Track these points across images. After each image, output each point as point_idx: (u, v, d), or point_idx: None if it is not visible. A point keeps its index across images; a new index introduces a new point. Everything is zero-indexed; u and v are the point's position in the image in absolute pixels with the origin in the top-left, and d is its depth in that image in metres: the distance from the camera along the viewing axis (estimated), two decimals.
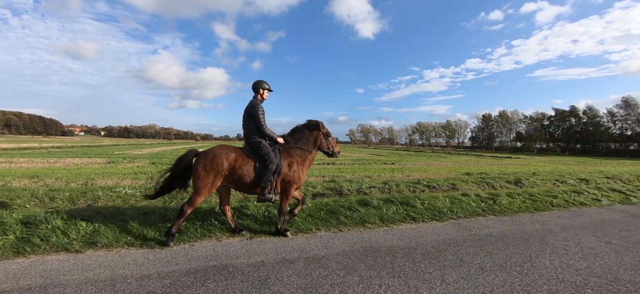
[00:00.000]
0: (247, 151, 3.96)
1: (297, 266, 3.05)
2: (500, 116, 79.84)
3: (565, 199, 6.86)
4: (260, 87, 4.08)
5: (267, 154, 3.79)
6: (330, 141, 4.43)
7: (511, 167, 16.28)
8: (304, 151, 4.21)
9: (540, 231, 4.52)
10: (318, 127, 4.30)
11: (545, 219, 5.28)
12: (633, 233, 4.48)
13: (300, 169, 4.11)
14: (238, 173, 3.75)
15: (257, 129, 3.92)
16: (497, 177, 10.82)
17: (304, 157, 4.20)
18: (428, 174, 12.20)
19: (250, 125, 3.96)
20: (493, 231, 4.46)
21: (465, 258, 3.35)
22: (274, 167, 3.79)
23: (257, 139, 3.88)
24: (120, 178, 8.70)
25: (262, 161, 3.80)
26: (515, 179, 10.25)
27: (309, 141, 4.27)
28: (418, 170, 13.58)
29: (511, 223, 4.93)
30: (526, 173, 12.45)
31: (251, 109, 3.94)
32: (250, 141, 3.93)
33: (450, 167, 15.92)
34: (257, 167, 3.82)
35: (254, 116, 3.89)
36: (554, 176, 11.43)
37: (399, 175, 11.57)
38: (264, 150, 3.81)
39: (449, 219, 5.08)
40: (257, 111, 3.89)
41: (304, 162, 4.18)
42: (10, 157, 16.10)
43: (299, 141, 4.23)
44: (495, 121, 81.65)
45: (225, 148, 3.88)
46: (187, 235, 3.90)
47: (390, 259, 3.32)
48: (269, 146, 3.91)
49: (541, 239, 4.12)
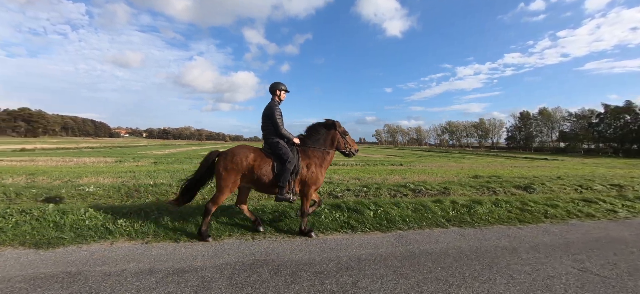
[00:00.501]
0: (265, 151, 3.99)
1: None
2: (540, 113, 72.51)
3: (568, 209, 5.64)
4: (277, 88, 4.09)
5: (285, 153, 3.81)
6: (348, 139, 4.32)
7: (537, 170, 14.42)
8: (321, 151, 4.14)
9: (500, 249, 3.61)
10: (334, 126, 4.21)
11: (522, 233, 4.28)
12: (630, 258, 3.40)
13: (319, 170, 4.06)
14: (257, 173, 3.79)
15: (274, 130, 3.94)
16: (507, 181, 9.54)
17: (322, 158, 4.13)
18: (431, 176, 11.11)
19: (268, 126, 3.99)
20: (437, 247, 3.65)
21: (361, 282, 2.66)
22: (292, 167, 3.79)
23: (275, 140, 3.92)
24: (101, 177, 8.92)
25: (281, 161, 3.82)
26: (528, 183, 8.96)
27: (326, 140, 4.20)
28: (424, 172, 12.47)
29: (471, 238, 4.04)
30: (549, 177, 10.88)
31: (268, 110, 3.99)
32: (268, 141, 3.97)
33: (465, 169, 14.42)
34: (275, 167, 3.84)
35: (272, 117, 3.93)
36: (582, 181, 9.81)
37: (395, 177, 10.67)
38: (282, 150, 3.83)
39: (396, 229, 4.32)
40: (275, 112, 3.93)
41: (322, 163, 4.12)
42: (42, 156, 17.65)
43: (317, 142, 4.17)
44: (535, 120, 74.37)
45: (244, 148, 3.94)
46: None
47: (268, 276, 2.75)
48: (287, 146, 3.92)
49: (491, 260, 3.25)
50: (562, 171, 14.40)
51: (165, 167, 12.25)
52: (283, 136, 3.97)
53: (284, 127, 4.00)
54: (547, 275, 2.92)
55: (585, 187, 8.91)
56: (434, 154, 38.18)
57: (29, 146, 29.37)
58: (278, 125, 3.92)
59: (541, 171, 14.48)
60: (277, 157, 3.87)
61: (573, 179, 10.23)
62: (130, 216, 4.41)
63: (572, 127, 66.21)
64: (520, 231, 4.43)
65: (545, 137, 72.71)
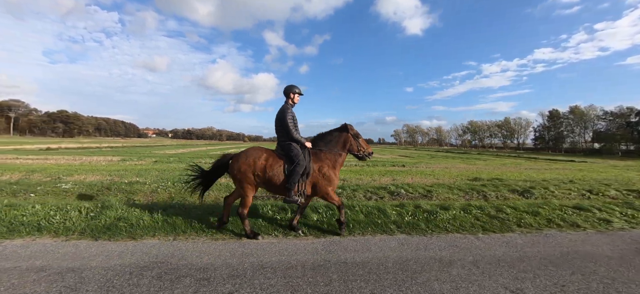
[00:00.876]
0: (278, 152, 4.03)
1: None
2: (571, 112, 67.21)
3: (550, 217, 4.98)
4: (291, 91, 4.10)
5: (296, 155, 3.83)
6: (361, 142, 4.28)
7: (551, 173, 13.21)
8: (333, 153, 4.15)
9: (434, 262, 3.17)
10: (346, 129, 4.23)
11: (476, 244, 3.77)
12: (588, 280, 2.84)
13: (332, 172, 4.04)
14: (269, 174, 3.82)
15: (286, 134, 3.96)
16: (507, 184, 8.78)
17: (334, 160, 4.13)
18: (425, 178, 10.47)
19: (281, 129, 4.03)
20: (363, 256, 3.28)
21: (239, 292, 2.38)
22: (301, 170, 3.80)
23: (288, 142, 3.94)
24: (90, 175, 9.24)
25: (291, 163, 3.84)
26: (528, 187, 8.22)
27: (338, 143, 4.21)
28: (422, 174, 11.78)
29: (411, 247, 3.60)
30: (559, 180, 9.92)
31: (281, 114, 4.00)
32: (281, 143, 4.01)
33: (470, 171, 13.46)
34: (286, 169, 3.86)
35: (283, 121, 3.94)
36: (596, 185, 8.80)
37: (386, 179, 10.16)
38: (294, 152, 3.86)
39: (331, 236, 3.98)
40: (286, 116, 3.94)
41: (334, 165, 4.12)
42: (58, 155, 18.84)
43: (329, 144, 4.19)
44: (566, 119, 69.04)
45: (257, 149, 4.03)
46: None
47: (137, 280, 2.55)
48: (300, 149, 3.94)
49: (412, 275, 2.83)
50: (582, 174, 13.07)
51: (160, 166, 12.54)
52: (295, 140, 3.96)
53: (296, 131, 3.99)
54: None
55: (595, 192, 7.97)
56: (449, 155, 36.48)
57: (54, 145, 31.68)
58: (289, 129, 3.91)
59: (556, 173, 13.26)
60: (289, 159, 3.88)
61: (586, 183, 9.22)
62: (69, 212, 4.43)
63: (607, 126, 60.85)
64: (477, 241, 3.92)
65: (578, 137, 67.32)
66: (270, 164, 3.87)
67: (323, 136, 4.29)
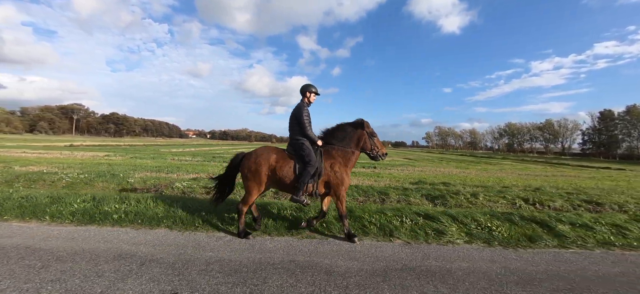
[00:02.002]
0: (288, 152, 4.03)
1: None
2: (628, 113, 58.76)
3: (476, 228, 4.43)
4: (307, 90, 4.09)
5: (307, 155, 3.80)
6: (376, 141, 4.12)
7: (564, 180, 11.82)
8: (345, 150, 4.04)
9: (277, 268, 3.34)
10: (362, 126, 4.08)
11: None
12: None
13: (343, 170, 3.95)
14: (279, 174, 3.84)
15: (300, 131, 3.98)
16: (489, 190, 7.93)
17: (346, 158, 4.02)
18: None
19: (294, 126, 4.03)
20: (199, 255, 3.56)
21: None
22: (313, 170, 3.76)
23: (300, 141, 3.93)
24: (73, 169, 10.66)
25: (303, 163, 3.82)
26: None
27: (351, 140, 4.08)
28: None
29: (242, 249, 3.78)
30: (562, 189, 8.56)
31: (297, 111, 4.01)
32: (293, 142, 4.00)
33: (482, 177, 12.10)
34: (296, 168, 3.85)
35: (299, 118, 3.95)
36: (600, 196, 7.49)
37: (369, 180, 9.80)
38: (305, 152, 3.82)
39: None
40: (302, 113, 3.95)
41: (346, 163, 4.01)
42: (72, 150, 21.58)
43: (342, 140, 4.07)
44: (621, 120, 60.51)
45: (267, 149, 4.05)
46: None
47: None
48: (311, 148, 3.92)
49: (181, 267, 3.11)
50: (607, 183, 11.25)
51: (152, 163, 13.74)
52: (308, 137, 3.95)
53: (310, 129, 3.99)
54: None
55: (597, 202, 6.79)
56: (473, 159, 33.35)
57: (77, 143, 36.37)
58: (304, 125, 3.92)
59: (569, 181, 11.86)
60: (299, 158, 3.85)
61: (593, 194, 7.72)
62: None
63: None
64: (337, 246, 3.76)
65: (636, 141, 58.63)
66: (280, 164, 3.87)
67: (334, 131, 4.14)
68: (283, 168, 3.83)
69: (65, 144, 31.43)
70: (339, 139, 4.07)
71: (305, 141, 3.91)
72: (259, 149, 4.05)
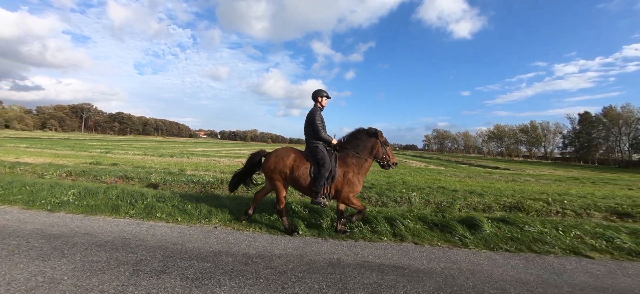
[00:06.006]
0: (305, 154, 4.21)
1: None
2: (605, 115, 55.35)
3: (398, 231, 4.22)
4: (319, 95, 4.26)
5: (322, 158, 3.95)
6: (388, 150, 4.24)
7: (489, 183, 10.60)
8: (359, 158, 4.15)
9: None
10: (376, 135, 4.19)
11: None
12: None
13: (356, 177, 4.07)
14: (296, 174, 4.03)
15: (314, 134, 4.15)
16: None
17: (359, 165, 4.14)
18: None
19: (309, 131, 4.20)
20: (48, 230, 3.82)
21: None
22: (327, 173, 3.91)
23: (315, 144, 4.09)
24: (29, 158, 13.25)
25: (317, 165, 3.98)
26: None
27: (365, 148, 4.18)
28: None
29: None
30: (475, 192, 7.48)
31: (311, 116, 4.19)
32: (309, 145, 4.17)
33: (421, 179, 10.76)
34: (312, 171, 4.02)
35: (313, 122, 4.12)
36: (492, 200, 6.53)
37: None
38: (320, 155, 3.98)
39: None
40: (316, 118, 4.14)
41: (359, 170, 4.13)
42: None
43: (356, 148, 4.19)
44: (598, 122, 57.09)
45: (286, 149, 4.25)
46: None
47: None
48: (326, 152, 4.06)
49: None
50: (500, 185, 10.28)
51: (119, 158, 15.82)
52: (322, 139, 4.12)
53: (324, 131, 4.16)
54: None
55: (483, 208, 5.96)
56: (442, 163, 28.98)
57: None
58: (318, 129, 4.08)
59: (503, 184, 10.66)
60: (315, 161, 4.02)
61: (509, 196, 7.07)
62: None
63: None
64: None
65: (614, 145, 55.11)
66: (297, 164, 4.04)
67: (350, 139, 4.26)
68: (299, 168, 4.01)
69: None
70: (353, 146, 4.20)
71: (319, 144, 4.08)
72: (280, 149, 4.27)
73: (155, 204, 5.15)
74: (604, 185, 12.15)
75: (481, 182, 11.05)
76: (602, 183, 12.94)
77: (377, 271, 3.08)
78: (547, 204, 6.42)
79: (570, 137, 64.83)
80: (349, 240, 3.98)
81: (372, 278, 2.91)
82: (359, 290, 2.68)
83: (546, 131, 70.97)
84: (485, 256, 3.61)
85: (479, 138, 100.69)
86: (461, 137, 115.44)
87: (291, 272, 2.97)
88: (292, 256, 3.37)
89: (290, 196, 6.34)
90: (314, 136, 4.13)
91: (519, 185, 10.68)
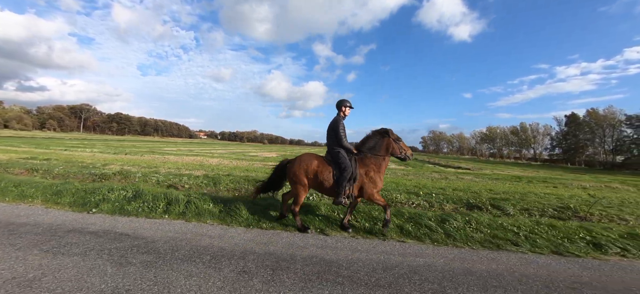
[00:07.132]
0: (327, 159, 4.48)
1: None
2: (589, 116, 55.56)
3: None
4: (343, 105, 4.55)
5: (343, 162, 4.25)
6: (402, 145, 4.58)
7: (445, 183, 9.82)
8: (377, 157, 4.49)
9: None
10: (388, 134, 4.54)
11: None
12: None
13: (377, 175, 4.41)
14: (320, 178, 4.32)
15: (337, 142, 4.41)
16: None
17: (378, 164, 4.48)
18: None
19: (332, 137, 4.45)
20: None
21: None
22: (348, 175, 4.20)
23: (337, 150, 4.37)
24: None
25: (339, 169, 4.27)
26: None
27: (381, 147, 4.52)
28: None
29: None
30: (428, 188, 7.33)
31: (334, 124, 4.46)
32: (331, 151, 4.44)
33: None
34: (335, 174, 4.31)
35: (336, 131, 4.40)
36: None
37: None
38: (342, 159, 4.28)
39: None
40: (339, 126, 4.41)
41: (379, 168, 4.46)
42: None
43: (372, 149, 4.52)
44: (584, 124, 57.24)
45: (310, 156, 4.53)
46: None
47: None
48: (347, 157, 4.35)
49: None
50: (443, 183, 9.87)
51: (102, 157, 16.46)
52: (344, 147, 4.39)
53: (346, 139, 4.42)
54: None
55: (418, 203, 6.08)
56: (425, 163, 27.89)
57: None
58: (341, 138, 4.35)
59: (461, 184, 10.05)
60: (337, 166, 4.30)
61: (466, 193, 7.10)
62: None
63: (635, 135, 49.05)
64: None
65: (598, 147, 55.25)
66: (320, 169, 4.32)
67: (366, 142, 4.59)
68: (323, 173, 4.31)
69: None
70: (369, 148, 4.52)
71: (341, 150, 4.37)
72: (304, 155, 4.55)
73: None
74: (547, 186, 10.63)
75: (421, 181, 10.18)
76: (553, 183, 11.61)
77: None
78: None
79: (557, 138, 64.97)
80: None
81: None
82: None
83: (535, 132, 71.13)
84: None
85: (473, 140, 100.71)
86: (456, 138, 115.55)
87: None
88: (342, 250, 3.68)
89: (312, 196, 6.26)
90: (336, 143, 4.37)
91: (446, 183, 9.84)
